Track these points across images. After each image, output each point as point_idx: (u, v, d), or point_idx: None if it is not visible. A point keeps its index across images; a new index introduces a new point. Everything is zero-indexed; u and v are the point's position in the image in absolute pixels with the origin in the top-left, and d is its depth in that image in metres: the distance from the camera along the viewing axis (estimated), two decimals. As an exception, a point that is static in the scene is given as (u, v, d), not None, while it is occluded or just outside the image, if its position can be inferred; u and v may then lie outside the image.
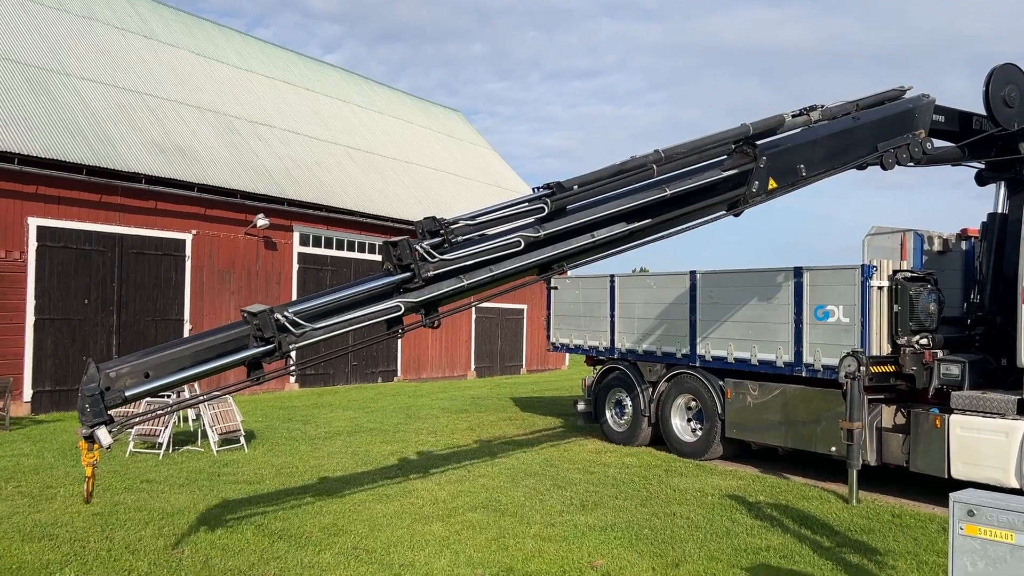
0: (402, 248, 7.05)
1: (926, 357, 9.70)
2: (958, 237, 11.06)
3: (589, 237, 7.81)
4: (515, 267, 7.55)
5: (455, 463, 11.52)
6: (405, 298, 7.13)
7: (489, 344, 30.41)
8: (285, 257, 22.43)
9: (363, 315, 6.98)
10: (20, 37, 19.17)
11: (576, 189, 7.61)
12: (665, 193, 7.87)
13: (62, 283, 17.29)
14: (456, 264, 7.23)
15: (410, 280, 7.09)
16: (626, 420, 13.67)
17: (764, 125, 8.44)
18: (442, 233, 7.19)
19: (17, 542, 7.33)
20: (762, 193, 8.40)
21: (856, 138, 9.03)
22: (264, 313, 6.55)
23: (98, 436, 5.98)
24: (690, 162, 8.10)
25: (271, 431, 14.39)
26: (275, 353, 6.65)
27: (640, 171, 7.83)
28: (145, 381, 6.27)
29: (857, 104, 9.13)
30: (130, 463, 11.16)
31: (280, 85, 27.63)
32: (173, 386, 6.65)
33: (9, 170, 16.19)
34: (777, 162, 8.46)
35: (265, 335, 6.54)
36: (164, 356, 6.45)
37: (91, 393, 6.02)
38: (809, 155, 8.72)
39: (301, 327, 6.67)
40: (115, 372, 6.22)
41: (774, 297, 11.10)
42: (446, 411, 17.87)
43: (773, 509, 9.12)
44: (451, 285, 7.30)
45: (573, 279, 15.51)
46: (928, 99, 9.62)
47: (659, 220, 8.15)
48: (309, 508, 8.80)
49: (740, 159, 8.34)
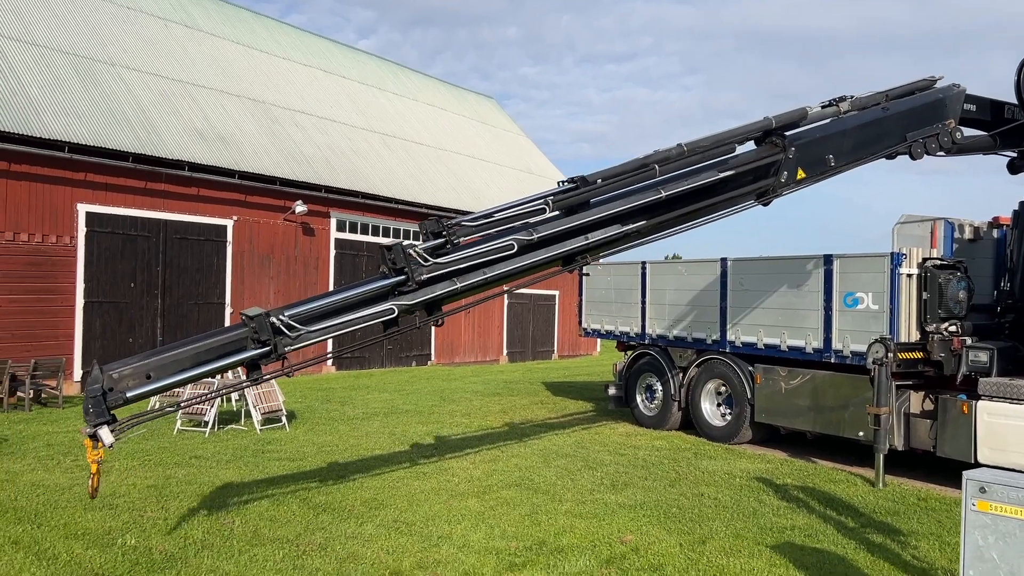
0: (396, 252, 7.22)
1: (954, 344, 9.81)
2: (990, 225, 11.11)
3: (602, 232, 7.97)
4: (508, 269, 7.68)
5: (489, 444, 11.86)
6: (399, 301, 7.30)
7: (521, 329, 30.73)
8: (322, 243, 22.91)
9: (357, 318, 7.19)
10: (68, 28, 19.76)
11: (600, 183, 7.81)
12: (661, 195, 7.98)
13: (109, 267, 17.90)
14: (449, 267, 7.40)
15: (404, 283, 7.27)
16: (656, 404, 13.91)
17: (787, 118, 8.60)
18: (444, 234, 7.38)
19: (80, 511, 7.80)
20: (791, 183, 8.57)
21: (885, 128, 9.14)
22: (260, 317, 6.82)
23: (100, 435, 6.25)
24: (714, 155, 8.27)
25: (311, 411, 14.86)
26: (271, 355, 6.90)
27: (665, 163, 7.99)
28: (147, 382, 6.56)
29: (887, 95, 9.24)
30: (178, 440, 11.65)
31: (317, 73, 28.06)
32: (174, 387, 6.90)
33: (59, 158, 16.78)
34: (806, 152, 8.62)
35: (261, 338, 6.80)
36: (165, 358, 6.73)
37: (94, 394, 6.30)
38: (838, 145, 8.86)
39: (296, 330, 6.92)
40: (118, 374, 6.51)
41: (804, 284, 11.25)
42: (479, 394, 18.23)
43: (800, 491, 9.33)
44: (444, 288, 7.46)
45: (604, 266, 15.73)
46: (958, 89, 9.69)
47: (685, 211, 8.32)
48: (350, 483, 9.20)
49: (769, 150, 8.51)
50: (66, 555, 6.57)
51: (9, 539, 6.93)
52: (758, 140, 8.64)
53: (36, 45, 18.44)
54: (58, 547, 6.75)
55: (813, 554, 6.99)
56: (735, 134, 8.38)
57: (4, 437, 11.61)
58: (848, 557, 6.92)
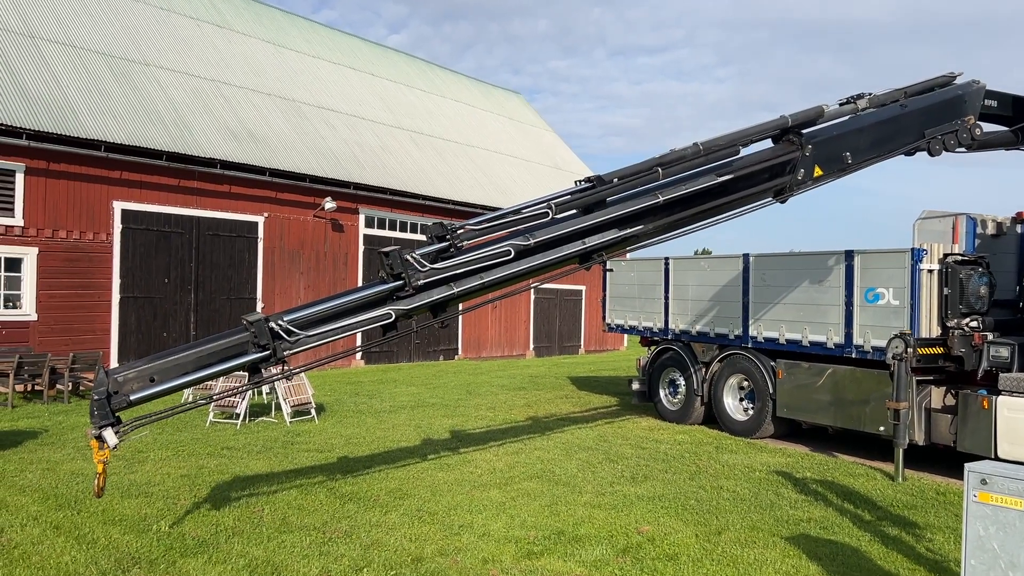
0: (393, 258, 7.39)
1: (975, 339, 9.83)
2: (1013, 221, 11.07)
3: (600, 237, 8.09)
4: (505, 274, 7.81)
5: (512, 437, 12.07)
6: (396, 306, 7.46)
7: (547, 325, 30.90)
8: (351, 239, 23.25)
9: (354, 323, 7.39)
10: (104, 29, 20.26)
11: (616, 182, 7.96)
12: (659, 199, 8.10)
13: (144, 263, 18.36)
14: (447, 273, 7.55)
15: (402, 288, 7.43)
16: (679, 399, 14.02)
17: (803, 116, 8.66)
18: (448, 238, 7.55)
19: (117, 498, 8.13)
20: (808, 180, 8.65)
21: (903, 125, 9.18)
22: (260, 322, 7.04)
23: (105, 437, 6.48)
24: (728, 155, 8.36)
25: (339, 404, 15.17)
26: (271, 359, 7.11)
27: (679, 163, 8.12)
28: (150, 385, 6.77)
29: (905, 91, 9.28)
30: (211, 432, 12.00)
31: (345, 70, 28.42)
32: (177, 390, 7.07)
33: (96, 157, 17.26)
34: (823, 150, 8.69)
35: (261, 342, 7.01)
36: (168, 362, 6.96)
37: (99, 397, 6.53)
38: (855, 143, 8.91)
39: (295, 334, 7.12)
40: (122, 377, 6.74)
41: (825, 280, 11.31)
42: (504, 388, 18.45)
43: (818, 485, 9.42)
44: (441, 293, 7.61)
45: (628, 262, 15.87)
46: (978, 85, 9.69)
47: (699, 210, 8.42)
48: (376, 474, 9.45)
49: (785, 148, 8.59)
50: (104, 539, 6.88)
51: (51, 524, 7.27)
52: (775, 138, 8.72)
53: (74, 46, 18.95)
54: (97, 532, 7.07)
55: (827, 545, 7.11)
56: (752, 133, 8.47)
57: (45, 428, 12.04)
58: (862, 549, 7.02)
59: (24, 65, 17.43)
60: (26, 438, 11.19)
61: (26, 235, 16.47)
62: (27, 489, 8.44)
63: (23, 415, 13.18)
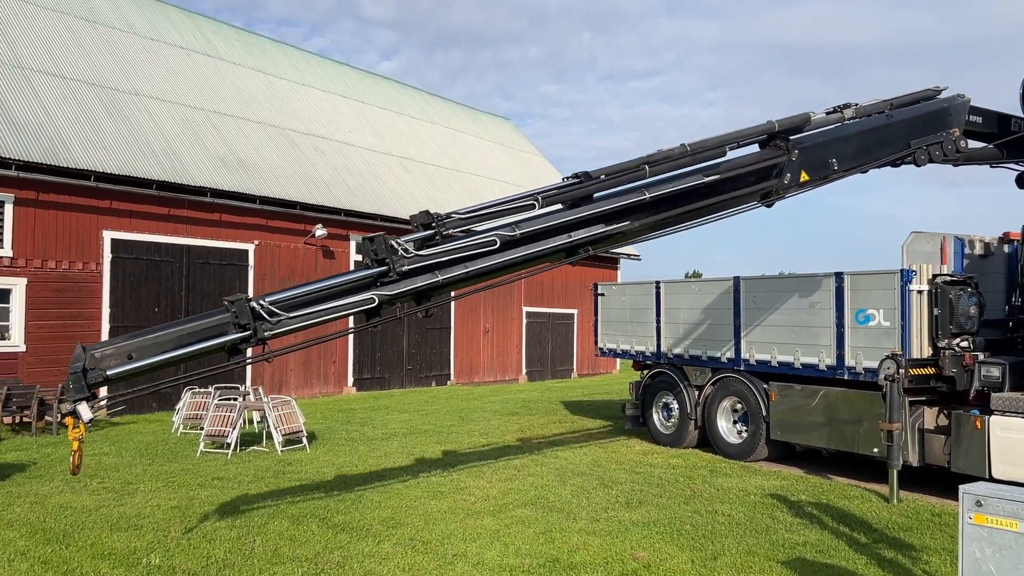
0: (378, 243, 7.39)
1: (966, 359, 9.85)
2: (1000, 240, 11.16)
3: (586, 231, 8.14)
4: (490, 264, 7.80)
5: (505, 463, 12.00)
6: (380, 291, 7.43)
7: (540, 348, 30.86)
8: (342, 265, 23.22)
9: (337, 306, 7.35)
10: (94, 60, 20.32)
11: (603, 179, 8.05)
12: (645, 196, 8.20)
13: (134, 292, 18.29)
14: (431, 260, 7.53)
15: (386, 274, 7.42)
16: (673, 422, 13.98)
17: (790, 122, 8.81)
18: (434, 226, 7.55)
19: (106, 531, 8.03)
20: (794, 185, 8.77)
21: (888, 135, 9.35)
22: (241, 301, 6.97)
23: (79, 411, 6.45)
24: (714, 156, 8.47)
25: (331, 432, 15.07)
26: (251, 339, 7.02)
27: (666, 162, 8.24)
28: (128, 362, 6.69)
29: (891, 103, 9.46)
30: (201, 462, 11.89)
31: (336, 98, 28.55)
32: (155, 367, 6.94)
33: (86, 187, 17.24)
34: (809, 156, 8.86)
35: (241, 322, 6.93)
36: (148, 339, 6.89)
37: (75, 371, 6.50)
38: (841, 150, 9.07)
39: (276, 315, 7.06)
40: (100, 353, 6.69)
41: (816, 302, 11.33)
42: (497, 414, 18.38)
43: (814, 508, 9.39)
44: (425, 280, 7.58)
45: (619, 286, 15.90)
46: (963, 99, 9.85)
47: (685, 210, 8.51)
48: (368, 503, 9.37)
49: (772, 152, 8.73)
50: (93, 574, 6.79)
51: (40, 559, 7.17)
52: (762, 143, 8.88)
53: (64, 77, 18.99)
54: (86, 567, 6.98)
55: (824, 569, 7.07)
56: (739, 136, 8.62)
57: (33, 460, 11.91)
58: (859, 572, 6.98)
59: (14, 96, 17.45)
60: (14, 471, 11.06)
61: (15, 266, 16.40)
62: (15, 523, 8.33)
63: (11, 448, 13.04)
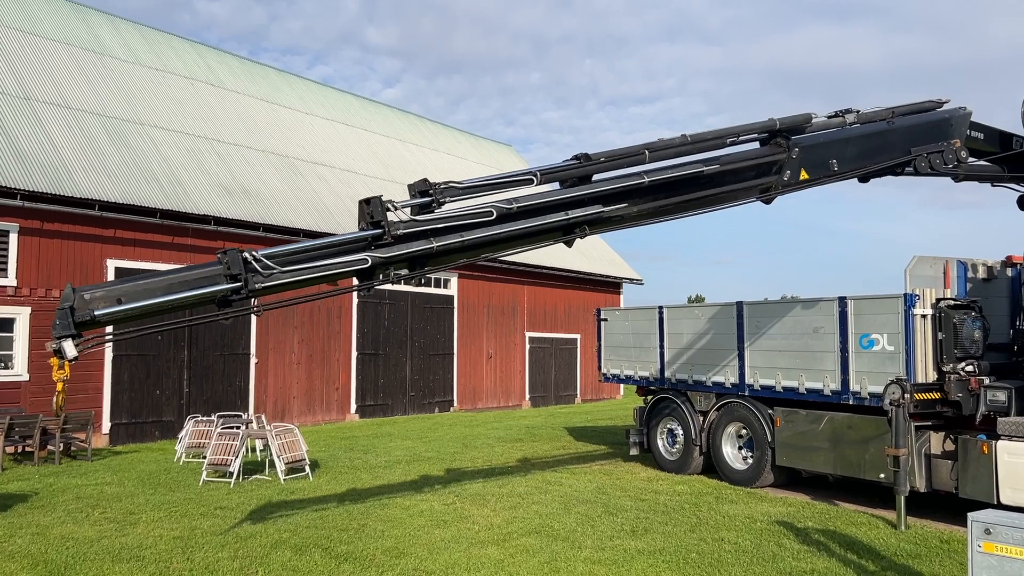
0: (375, 205, 7.41)
1: (972, 384, 9.81)
2: (1003, 264, 11.15)
3: (583, 210, 8.19)
4: (485, 235, 7.80)
5: (509, 491, 11.92)
6: (373, 253, 7.41)
7: (543, 374, 30.79)
8: (345, 292, 23.19)
9: (330, 264, 7.32)
10: (99, 90, 20.50)
11: (603, 161, 8.19)
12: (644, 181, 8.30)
13: (138, 321, 18.25)
14: (427, 226, 7.53)
15: (381, 237, 7.42)
16: (678, 449, 13.90)
17: (791, 121, 8.94)
18: (431, 194, 7.55)
19: (108, 563, 7.97)
20: (793, 182, 8.87)
21: (889, 140, 9.47)
22: (234, 252, 6.97)
23: (64, 348, 6.39)
24: (716, 146, 8.59)
25: (334, 460, 15.00)
26: (242, 291, 6.98)
27: (666, 149, 8.37)
28: (116, 305, 6.66)
29: (893, 111, 9.55)
30: (204, 491, 11.83)
31: (339, 126, 28.74)
32: (142, 312, 6.85)
33: (90, 216, 17.32)
34: (809, 154, 8.99)
35: (233, 272, 6.90)
36: (137, 285, 6.86)
37: (62, 308, 6.46)
38: (841, 151, 9.20)
39: (269, 268, 7.03)
40: (89, 295, 6.64)
41: (820, 326, 11.31)
42: (501, 440, 18.29)
43: (821, 535, 9.30)
44: (420, 246, 7.56)
45: (623, 311, 15.89)
46: (964, 111, 9.94)
47: (685, 199, 8.59)
48: (372, 533, 9.30)
49: (772, 149, 8.84)
50: (95, 607, 6.73)
51: (40, 591, 7.11)
52: (763, 141, 9.00)
53: (69, 108, 19.15)
54: (87, 599, 6.92)
55: (832, 599, 6.99)
56: (740, 130, 8.73)
57: (35, 491, 11.86)
58: (867, 601, 6.91)
59: (20, 127, 17.58)
60: (15, 501, 11.01)
61: (19, 295, 16.43)
62: (16, 555, 8.28)
63: (13, 477, 12.99)
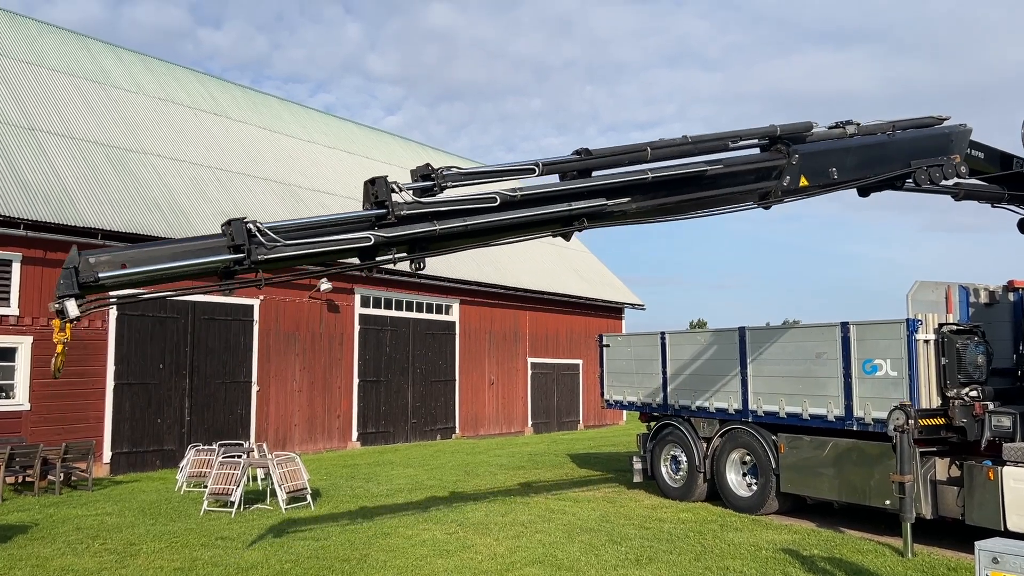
0: (379, 186, 7.50)
1: (976, 409, 9.77)
2: (1005, 289, 11.15)
3: (587, 202, 8.31)
4: (487, 222, 7.89)
5: (512, 519, 11.84)
6: (377, 232, 7.47)
7: (545, 400, 30.68)
8: (347, 319, 23.26)
9: (334, 240, 7.38)
10: (103, 120, 20.66)
11: (606, 156, 8.35)
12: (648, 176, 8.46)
13: (139, 349, 18.29)
14: (431, 208, 7.60)
15: (384, 217, 7.49)
16: (681, 476, 13.82)
17: (792, 128, 9.05)
18: (433, 178, 7.64)
19: (108, 595, 7.91)
20: (792, 188, 8.97)
21: (889, 152, 9.57)
22: (238, 222, 7.01)
23: (67, 307, 6.49)
24: (717, 148, 8.71)
25: (335, 489, 14.91)
26: (245, 261, 7.02)
27: (668, 147, 8.53)
28: (121, 269, 6.74)
29: (894, 124, 9.64)
30: (205, 521, 11.75)
31: (341, 154, 28.90)
32: (146, 277, 6.94)
33: (94, 244, 17.33)
34: (810, 162, 9.07)
35: (237, 242, 6.94)
36: (142, 252, 6.95)
37: (67, 268, 6.56)
38: (841, 160, 9.28)
39: (273, 240, 7.07)
40: (95, 259, 6.73)
41: (822, 352, 11.29)
42: (504, 468, 18.19)
43: (826, 563, 9.22)
44: (423, 228, 7.63)
45: (625, 336, 15.88)
46: (965, 128, 10.01)
47: (685, 198, 8.69)
48: (374, 563, 9.23)
49: (772, 154, 8.92)
50: (94, 640, 6.66)
51: (39, 625, 7.04)
52: (763, 147, 9.09)
53: (73, 138, 19.28)
54: (86, 632, 6.85)
55: (839, 628, 6.91)
56: (740, 133, 8.84)
57: (35, 521, 11.79)
58: (875, 631, 6.83)
59: (24, 157, 17.70)
60: (15, 532, 10.93)
61: (21, 324, 16.45)
62: (15, 588, 8.21)
63: (13, 508, 12.92)
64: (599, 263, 37.42)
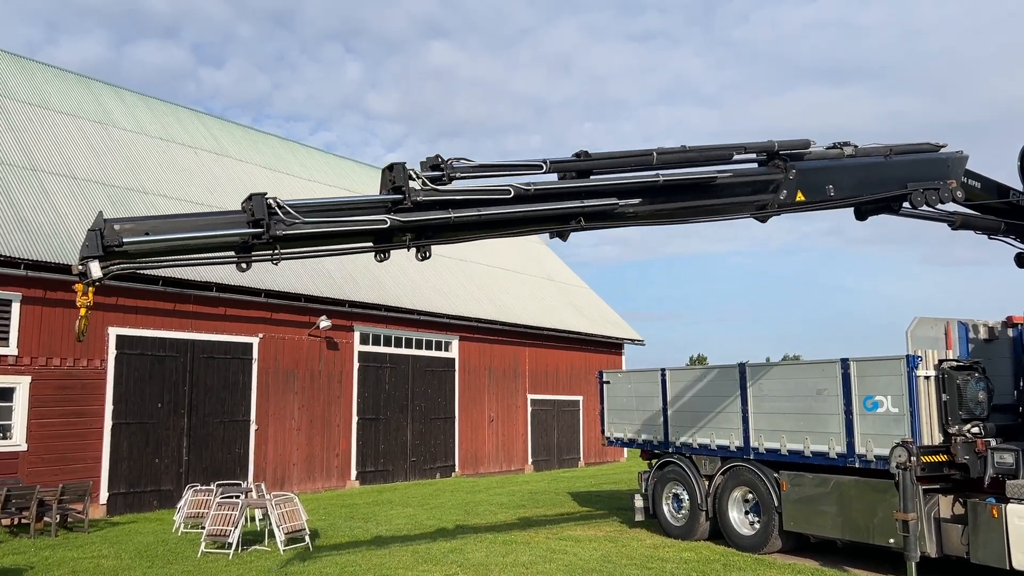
0: (397, 171, 7.65)
1: (978, 446, 9.73)
2: (1004, 325, 11.16)
3: (597, 200, 8.45)
4: (500, 213, 8.03)
5: (513, 560, 11.71)
6: (393, 216, 7.62)
7: (546, 437, 30.50)
8: (346, 356, 23.21)
9: (351, 220, 7.54)
10: (105, 160, 20.82)
11: (613, 157, 8.57)
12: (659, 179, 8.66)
13: (138, 388, 18.23)
14: (446, 196, 7.76)
15: (401, 202, 7.64)
16: (683, 514, 13.70)
17: (790, 144, 9.29)
18: (443, 168, 7.79)
19: (103, 641, 7.79)
20: (789, 203, 9.13)
21: (886, 173, 9.74)
22: (258, 196, 7.16)
23: (90, 268, 6.65)
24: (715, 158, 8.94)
25: (334, 529, 14.77)
26: (264, 236, 7.17)
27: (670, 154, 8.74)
28: (144, 236, 6.92)
29: (890, 148, 9.78)
30: (202, 563, 11.62)
31: (341, 192, 29.05)
32: (168, 245, 7.09)
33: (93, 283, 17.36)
34: (807, 178, 9.26)
35: (256, 216, 7.09)
36: (167, 221, 7.17)
37: (93, 230, 6.72)
38: (838, 178, 9.47)
39: (292, 216, 7.23)
40: (120, 226, 6.89)
41: (823, 389, 11.26)
42: (504, 507, 18.03)
43: (831, 603, 9.11)
44: (438, 215, 7.79)
45: (625, 373, 15.85)
46: (961, 154, 10.12)
47: (683, 205, 8.84)
48: (373, 606, 9.11)
49: (771, 169, 9.07)
50: None
51: (33, 673, 6.93)
52: (762, 162, 9.25)
53: (75, 178, 19.42)
54: None
55: (845, 672, 6.81)
56: (739, 146, 9.01)
57: (30, 564, 11.66)
58: (882, 674, 6.73)
59: (26, 197, 17.81)
60: (10, 577, 10.82)
61: (19, 364, 16.40)
62: (9, 634, 8.10)
63: (8, 551, 12.78)
64: (598, 299, 37.45)
